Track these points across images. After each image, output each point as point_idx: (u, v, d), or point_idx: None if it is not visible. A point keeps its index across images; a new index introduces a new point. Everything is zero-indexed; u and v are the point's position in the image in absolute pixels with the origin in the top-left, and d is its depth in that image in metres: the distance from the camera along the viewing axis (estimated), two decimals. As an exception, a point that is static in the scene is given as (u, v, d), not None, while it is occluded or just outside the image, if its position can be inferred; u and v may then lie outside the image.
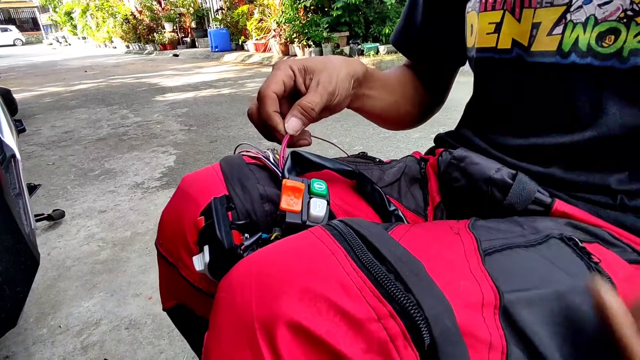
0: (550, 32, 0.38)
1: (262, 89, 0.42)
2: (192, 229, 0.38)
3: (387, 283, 0.23)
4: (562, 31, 0.37)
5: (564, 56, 0.37)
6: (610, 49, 0.35)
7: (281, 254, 0.27)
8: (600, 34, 0.35)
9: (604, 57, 0.35)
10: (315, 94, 0.43)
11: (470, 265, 0.27)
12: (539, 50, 0.39)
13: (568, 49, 0.37)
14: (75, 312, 1.17)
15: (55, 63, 10.72)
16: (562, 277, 0.29)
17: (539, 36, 0.39)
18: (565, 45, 0.37)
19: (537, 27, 0.39)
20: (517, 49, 0.42)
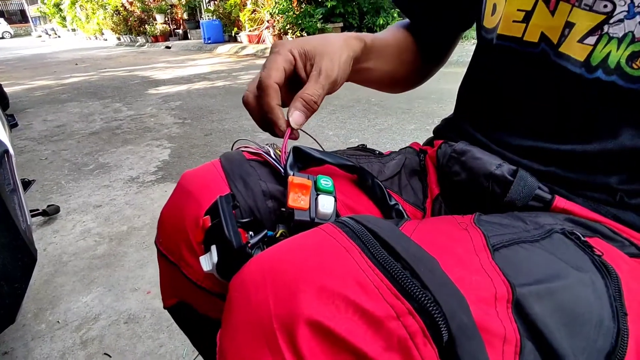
0: (582, 40, 0.36)
1: (264, 77, 0.40)
2: (195, 228, 0.38)
3: (404, 280, 0.23)
4: (595, 42, 0.35)
5: (590, 71, 0.36)
6: (638, 71, 0.34)
7: (294, 251, 0.27)
8: (632, 54, 0.34)
9: (631, 79, 0.34)
10: (317, 84, 0.41)
11: (480, 261, 0.27)
12: (567, 53, 0.37)
13: (596, 63, 0.35)
14: (74, 307, 1.17)
15: (45, 56, 10.54)
16: (569, 271, 0.29)
17: (570, 39, 0.37)
18: (594, 59, 0.36)
19: (570, 27, 0.37)
20: (545, 44, 0.39)
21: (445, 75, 4.65)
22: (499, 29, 0.44)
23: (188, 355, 0.98)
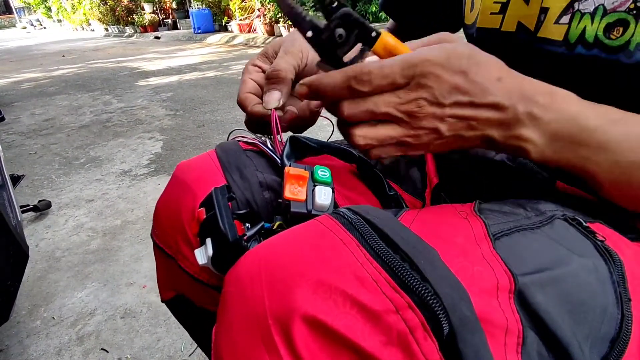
0: (557, 21, 0.37)
1: (238, 98, 0.42)
2: (191, 220, 0.37)
3: (402, 273, 0.22)
4: (569, 21, 0.36)
5: (570, 48, 0.36)
6: (618, 41, 0.34)
7: (290, 244, 0.26)
8: (608, 25, 0.34)
9: (611, 50, 0.34)
10: (278, 59, 0.41)
11: (482, 250, 0.27)
12: (546, 37, 0.38)
13: (574, 40, 0.36)
14: (69, 303, 1.16)
15: (31, 48, 10.32)
16: (571, 257, 0.29)
17: (547, 22, 0.38)
18: (572, 36, 0.36)
19: (545, 12, 0.37)
20: (522, 33, 0.40)
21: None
22: (477, 22, 0.44)
23: (187, 348, 0.98)
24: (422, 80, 0.29)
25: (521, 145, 0.31)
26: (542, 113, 0.31)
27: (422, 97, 0.30)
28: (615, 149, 0.30)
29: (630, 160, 0.30)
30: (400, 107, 0.30)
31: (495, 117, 0.30)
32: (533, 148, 0.31)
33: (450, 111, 0.30)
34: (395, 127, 0.31)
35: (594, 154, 0.31)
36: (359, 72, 0.29)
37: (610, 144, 0.31)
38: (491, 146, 0.32)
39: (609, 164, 0.31)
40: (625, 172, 0.31)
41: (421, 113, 0.30)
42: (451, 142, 0.32)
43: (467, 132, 0.31)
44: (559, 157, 0.31)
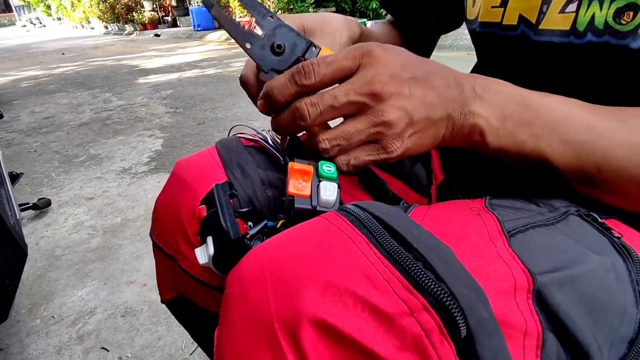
0: (563, 10, 0.35)
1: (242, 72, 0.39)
2: (191, 218, 0.36)
3: (416, 272, 0.21)
4: (577, 8, 0.34)
5: (579, 36, 0.35)
6: (629, 26, 0.32)
7: (295, 243, 0.25)
8: (618, 10, 0.32)
9: (622, 36, 0.33)
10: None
11: (497, 248, 0.25)
12: (549, 28, 0.37)
13: (583, 28, 0.34)
14: (69, 302, 1.15)
15: (30, 46, 10.29)
16: (589, 255, 0.28)
17: (550, 13, 0.36)
18: (581, 24, 0.34)
19: (547, 3, 0.36)
20: (524, 25, 0.39)
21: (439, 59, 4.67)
22: (479, 17, 0.43)
23: (187, 347, 0.97)
24: (370, 59, 0.29)
25: (477, 122, 0.31)
26: (484, 92, 0.31)
27: (376, 73, 0.29)
28: (564, 128, 0.31)
29: (580, 139, 0.30)
30: (361, 89, 0.29)
31: (450, 94, 0.31)
32: (487, 127, 0.31)
33: (410, 88, 0.29)
34: (361, 119, 0.30)
35: (544, 133, 0.31)
36: (302, 65, 0.30)
37: (557, 123, 0.31)
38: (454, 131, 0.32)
39: (560, 144, 0.31)
40: (577, 153, 0.31)
41: (383, 89, 0.29)
42: (423, 131, 0.31)
43: (434, 112, 0.30)
44: (514, 139, 0.31)
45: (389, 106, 0.29)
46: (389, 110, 0.29)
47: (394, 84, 0.29)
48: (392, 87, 0.29)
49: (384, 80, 0.29)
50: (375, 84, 0.29)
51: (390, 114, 0.29)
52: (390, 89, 0.29)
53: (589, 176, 0.31)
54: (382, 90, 0.29)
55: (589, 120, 0.31)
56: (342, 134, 0.30)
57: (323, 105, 0.30)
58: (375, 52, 0.30)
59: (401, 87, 0.29)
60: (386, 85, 0.29)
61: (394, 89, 0.29)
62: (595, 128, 0.31)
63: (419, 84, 0.30)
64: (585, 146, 0.30)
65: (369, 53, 0.30)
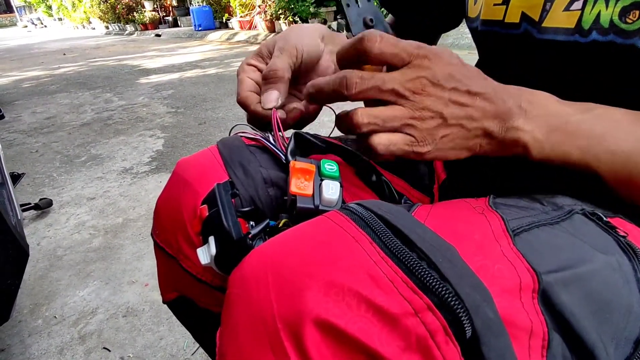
0: (568, 7, 0.35)
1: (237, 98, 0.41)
2: (193, 218, 0.35)
3: (420, 272, 0.21)
4: (582, 6, 0.34)
5: (584, 34, 0.34)
6: (634, 25, 0.32)
7: (297, 242, 0.25)
8: (624, 9, 0.32)
9: (627, 35, 0.32)
10: (274, 58, 0.40)
11: (501, 247, 0.25)
12: (552, 26, 0.36)
13: (589, 26, 0.34)
14: (70, 302, 1.15)
15: (32, 46, 10.31)
16: (594, 254, 0.27)
17: (554, 11, 0.36)
18: (586, 22, 0.34)
19: (551, 1, 0.36)
20: (526, 23, 0.38)
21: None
22: (481, 15, 0.43)
23: (189, 347, 0.97)
24: (424, 61, 0.31)
25: (520, 137, 0.32)
26: (530, 107, 0.32)
27: (423, 75, 0.31)
28: (608, 139, 0.31)
29: (626, 149, 0.31)
30: (405, 84, 0.31)
31: (491, 109, 0.32)
32: (532, 141, 0.32)
33: (450, 95, 0.31)
34: (400, 108, 0.31)
35: (590, 145, 0.31)
36: (370, 31, 0.31)
37: (604, 135, 0.31)
38: (492, 144, 0.33)
39: (607, 155, 0.31)
40: (624, 162, 0.31)
41: (425, 91, 0.31)
42: (455, 136, 0.32)
43: (469, 123, 0.31)
44: (559, 151, 0.32)
45: (426, 105, 0.31)
46: (425, 108, 0.31)
47: (436, 89, 0.31)
48: (433, 91, 0.31)
49: (428, 83, 0.31)
50: (419, 84, 0.31)
51: (426, 112, 0.31)
52: (431, 90, 0.31)
53: (637, 186, 0.32)
54: (423, 91, 0.31)
55: (632, 129, 0.31)
56: (380, 114, 0.31)
57: (370, 83, 0.31)
58: (429, 58, 0.31)
59: (441, 93, 0.31)
60: (428, 87, 0.31)
61: (435, 93, 0.31)
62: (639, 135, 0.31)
63: (460, 95, 0.31)
64: (632, 155, 0.31)
65: (424, 57, 0.31)
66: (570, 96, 0.38)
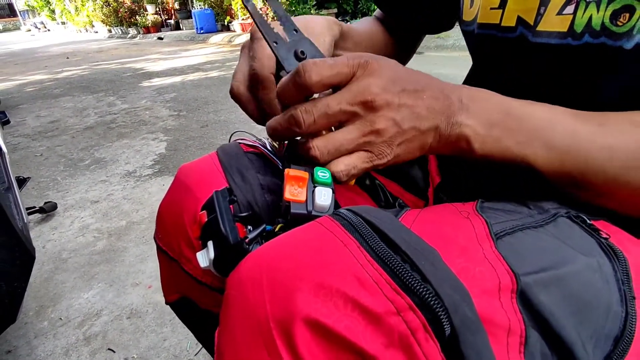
0: (561, 12, 0.36)
1: (258, 68, 0.38)
2: (193, 223, 0.37)
3: (403, 274, 0.22)
4: (574, 10, 0.35)
5: (577, 38, 0.36)
6: (624, 27, 0.33)
7: (290, 247, 0.26)
8: (614, 12, 0.33)
9: (618, 37, 0.34)
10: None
11: (483, 250, 0.27)
12: (546, 30, 0.37)
13: (581, 29, 0.35)
14: (75, 304, 1.17)
15: (35, 50, 10.39)
16: (575, 256, 0.29)
17: (548, 15, 0.37)
18: (578, 26, 0.35)
19: (545, 5, 0.37)
20: (522, 27, 0.39)
21: (443, 59, 4.58)
22: (478, 18, 0.44)
23: (192, 348, 0.98)
24: (367, 69, 0.31)
25: (462, 131, 0.32)
26: (471, 103, 0.33)
27: (370, 83, 0.31)
28: (547, 134, 0.32)
29: (563, 144, 0.31)
30: (352, 99, 0.31)
31: (437, 105, 0.32)
32: (474, 135, 0.32)
33: (400, 99, 0.31)
34: (353, 129, 0.31)
35: (529, 139, 0.32)
36: (304, 63, 0.31)
37: (543, 129, 0.32)
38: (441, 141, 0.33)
39: (544, 150, 0.32)
40: (561, 157, 0.32)
41: (374, 100, 0.30)
42: (410, 140, 0.32)
43: (421, 124, 0.32)
44: (500, 146, 0.32)
45: (379, 116, 0.31)
46: (378, 119, 0.31)
47: (384, 95, 0.31)
48: (383, 98, 0.31)
49: (376, 92, 0.30)
50: (366, 95, 0.30)
51: (380, 124, 0.31)
52: (381, 99, 0.30)
53: (574, 180, 0.32)
54: (373, 100, 0.30)
55: (571, 126, 0.32)
56: (333, 141, 0.31)
57: (317, 112, 0.31)
58: (370, 64, 0.31)
59: (391, 98, 0.31)
60: (377, 96, 0.30)
61: (384, 100, 0.31)
62: (577, 133, 0.32)
63: (408, 96, 0.31)
64: (569, 151, 0.31)
65: (365, 64, 0.31)
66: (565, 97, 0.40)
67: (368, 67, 0.31)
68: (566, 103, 0.39)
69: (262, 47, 0.38)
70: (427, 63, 3.92)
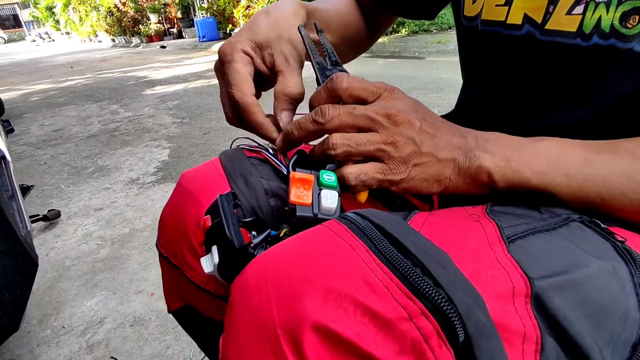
0: (570, 12, 0.36)
1: (238, 97, 0.38)
2: (196, 229, 0.36)
3: (414, 278, 0.22)
4: (583, 11, 0.35)
5: (586, 38, 0.35)
6: (634, 29, 0.33)
7: (297, 251, 0.25)
8: (624, 14, 0.33)
9: (627, 39, 0.33)
10: (291, 73, 0.39)
11: (495, 254, 0.26)
12: (555, 29, 0.37)
13: (590, 30, 0.35)
14: (78, 312, 1.16)
15: (40, 60, 10.50)
16: (589, 260, 0.28)
17: (557, 14, 0.37)
18: (587, 26, 0.35)
19: (554, 4, 0.37)
20: (529, 25, 0.39)
21: (443, 64, 4.60)
22: (482, 15, 0.43)
23: (195, 356, 0.97)
24: (392, 94, 0.34)
25: (483, 164, 0.33)
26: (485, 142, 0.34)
27: (394, 104, 0.33)
28: (564, 164, 0.33)
29: (580, 173, 0.32)
30: (378, 110, 0.32)
31: (455, 140, 0.34)
32: (494, 167, 0.33)
33: (421, 124, 0.33)
34: (373, 134, 0.33)
35: (546, 169, 0.33)
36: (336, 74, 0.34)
37: (559, 160, 0.33)
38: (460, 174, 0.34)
39: (563, 179, 0.33)
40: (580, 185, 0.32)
41: (397, 116, 0.32)
42: (427, 166, 0.33)
43: (439, 153, 0.33)
44: (520, 178, 0.33)
45: (399, 131, 0.32)
46: (399, 133, 0.32)
47: (408, 115, 0.32)
48: (406, 116, 0.32)
49: (400, 108, 0.32)
50: (391, 109, 0.32)
51: (399, 137, 0.32)
52: (404, 117, 0.32)
53: (594, 205, 0.33)
54: (396, 115, 0.32)
55: (584, 156, 0.33)
56: (353, 137, 0.32)
57: (342, 109, 0.33)
58: (396, 91, 0.34)
59: (413, 120, 0.33)
60: (401, 112, 0.32)
61: (407, 118, 0.32)
62: (593, 162, 0.32)
63: (428, 125, 0.33)
64: (588, 178, 0.32)
65: (391, 89, 0.34)
66: (569, 97, 0.39)
67: (394, 92, 0.34)
68: (573, 104, 0.39)
69: (235, 71, 0.38)
70: (428, 68, 3.92)
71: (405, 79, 3.54)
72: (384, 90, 0.34)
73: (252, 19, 0.42)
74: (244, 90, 0.38)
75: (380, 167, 0.33)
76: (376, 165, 0.33)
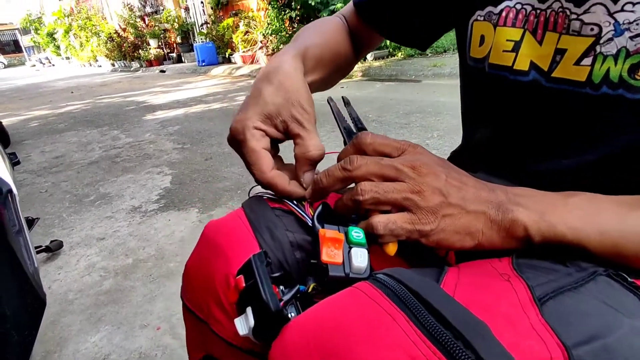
0: (579, 62, 0.37)
1: (261, 178, 0.40)
2: (225, 286, 0.37)
3: (458, 353, 0.22)
4: (592, 62, 0.36)
5: (595, 88, 0.37)
6: None
7: (336, 317, 0.26)
8: (632, 66, 0.34)
9: (636, 90, 0.35)
10: (309, 135, 0.40)
11: (530, 320, 0.26)
12: (563, 77, 0.38)
13: (599, 80, 0.36)
14: (82, 349, 1.14)
15: (40, 85, 10.60)
16: (621, 320, 0.28)
17: (564, 64, 0.38)
18: (596, 76, 0.36)
19: (561, 54, 0.38)
20: (535, 72, 0.40)
21: (440, 87, 4.65)
22: (490, 58, 0.44)
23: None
24: (417, 149, 0.36)
25: (518, 217, 0.33)
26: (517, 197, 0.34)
27: (419, 158, 0.35)
28: (598, 221, 0.33)
29: (614, 230, 0.32)
30: (404, 162, 0.34)
31: (484, 194, 0.34)
32: (530, 221, 0.33)
33: (447, 177, 0.34)
34: (399, 182, 0.34)
35: (581, 226, 0.33)
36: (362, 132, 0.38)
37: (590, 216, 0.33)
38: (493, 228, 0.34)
39: (597, 235, 0.33)
40: (613, 242, 0.32)
41: (423, 168, 0.34)
42: (457, 217, 0.33)
43: (468, 205, 0.33)
44: (555, 233, 0.33)
45: (425, 181, 0.34)
46: (425, 183, 0.33)
47: (432, 167, 0.34)
48: (431, 168, 0.34)
49: (424, 162, 0.34)
50: (416, 162, 0.34)
51: (426, 187, 0.33)
52: (429, 169, 0.34)
53: (626, 260, 0.33)
54: (422, 166, 0.34)
55: (618, 212, 0.33)
56: (380, 185, 0.34)
57: (370, 160, 0.35)
58: (419, 147, 0.37)
59: (439, 172, 0.34)
60: (426, 165, 0.34)
61: (433, 170, 0.34)
62: (626, 219, 0.33)
63: (454, 178, 0.34)
64: (623, 236, 0.32)
65: (415, 146, 0.37)
66: (576, 140, 0.40)
67: (417, 148, 0.36)
68: (580, 147, 0.40)
69: (250, 150, 0.40)
70: (425, 91, 3.99)
71: (403, 103, 3.60)
72: (408, 146, 0.36)
73: (254, 90, 0.41)
74: (262, 169, 0.39)
75: (409, 217, 0.33)
76: (404, 215, 0.34)
